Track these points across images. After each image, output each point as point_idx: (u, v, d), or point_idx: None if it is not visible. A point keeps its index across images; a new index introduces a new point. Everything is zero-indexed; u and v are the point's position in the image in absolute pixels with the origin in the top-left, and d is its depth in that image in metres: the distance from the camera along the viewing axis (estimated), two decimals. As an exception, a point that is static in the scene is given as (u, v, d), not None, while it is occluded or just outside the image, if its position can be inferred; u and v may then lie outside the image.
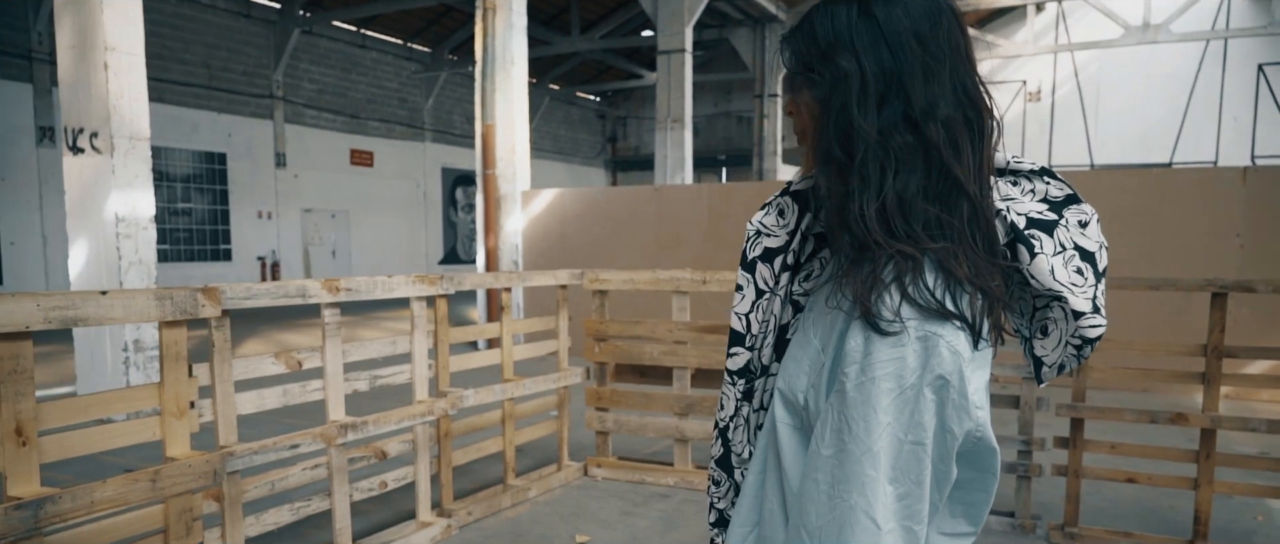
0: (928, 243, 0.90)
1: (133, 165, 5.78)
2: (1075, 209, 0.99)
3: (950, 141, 0.92)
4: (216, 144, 15.11)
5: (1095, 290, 0.95)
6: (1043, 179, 1.01)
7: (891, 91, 0.93)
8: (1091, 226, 0.98)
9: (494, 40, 9.68)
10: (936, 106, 0.92)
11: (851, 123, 0.94)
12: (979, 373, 0.90)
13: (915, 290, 0.88)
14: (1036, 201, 0.99)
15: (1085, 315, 0.94)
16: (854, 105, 0.94)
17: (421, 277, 3.63)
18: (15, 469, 2.25)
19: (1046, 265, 0.93)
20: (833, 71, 0.96)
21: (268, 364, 3.08)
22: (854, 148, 0.94)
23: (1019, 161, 1.01)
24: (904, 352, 0.87)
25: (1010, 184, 1.00)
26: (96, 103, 5.67)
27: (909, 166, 0.92)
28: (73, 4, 5.76)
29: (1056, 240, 0.95)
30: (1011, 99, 21.64)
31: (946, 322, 0.88)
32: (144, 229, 5.84)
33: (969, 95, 0.94)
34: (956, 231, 0.91)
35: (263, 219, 15.94)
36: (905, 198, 0.92)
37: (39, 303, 2.25)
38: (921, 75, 0.92)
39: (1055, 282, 0.93)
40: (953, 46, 0.94)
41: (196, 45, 14.85)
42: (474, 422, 4.22)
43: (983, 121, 0.95)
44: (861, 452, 0.88)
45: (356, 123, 18.25)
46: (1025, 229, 0.94)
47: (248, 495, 3.02)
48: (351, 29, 17.90)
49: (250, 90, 15.82)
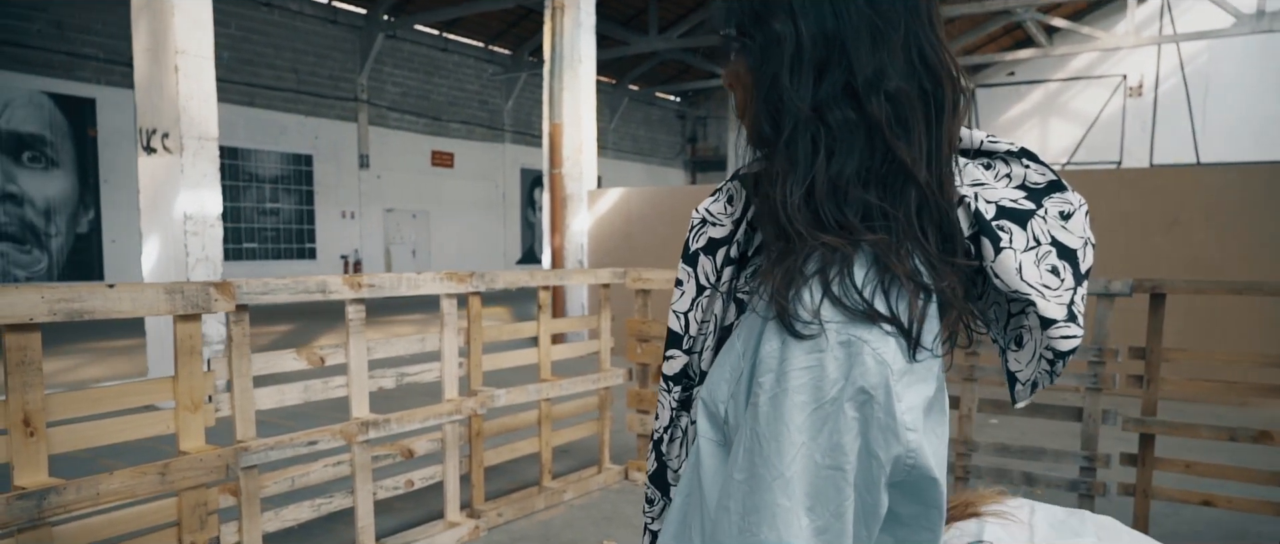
0: (863, 234, 0.77)
1: (201, 165, 5.96)
2: (1058, 198, 0.84)
3: (897, 118, 0.78)
4: (303, 146, 15.63)
5: (1074, 294, 0.81)
6: (1021, 162, 0.86)
7: (832, 58, 0.79)
8: (1076, 219, 0.83)
9: (562, 39, 9.69)
10: (884, 76, 0.78)
11: (782, 95, 0.81)
12: (916, 388, 0.75)
13: (840, 288, 0.74)
14: (1012, 188, 0.84)
15: (1057, 324, 0.79)
16: (785, 74, 0.80)
17: (450, 273, 3.59)
18: (22, 459, 2.28)
19: (1013, 262, 0.79)
20: (764, 35, 0.82)
21: (289, 360, 3.08)
22: (783, 124, 0.81)
23: (994, 141, 0.87)
24: (823, 359, 0.73)
25: (982, 167, 0.86)
26: (167, 104, 5.87)
27: (847, 147, 0.78)
28: (147, 9, 5.98)
29: (1030, 233, 0.81)
30: (1110, 94, 20.60)
31: (874, 325, 0.73)
32: (211, 227, 6.01)
33: (927, 63, 0.80)
34: (901, 222, 0.77)
35: (346, 219, 16.42)
36: (839, 183, 0.78)
37: (43, 295, 2.27)
38: (868, 39, 0.78)
39: (1022, 282, 0.79)
40: (909, 5, 0.80)
41: (285, 51, 15.39)
42: (509, 421, 4.17)
43: (943, 95, 0.80)
44: (773, 477, 0.74)
45: (438, 124, 18.63)
46: (993, 219, 0.81)
47: (267, 491, 3.02)
48: (434, 32, 18.28)
49: (336, 94, 16.31)
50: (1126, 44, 16.71)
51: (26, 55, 11.78)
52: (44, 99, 11.89)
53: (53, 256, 12.08)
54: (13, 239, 11.65)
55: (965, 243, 0.81)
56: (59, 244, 12.14)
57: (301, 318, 11.88)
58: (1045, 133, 22.65)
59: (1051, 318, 0.78)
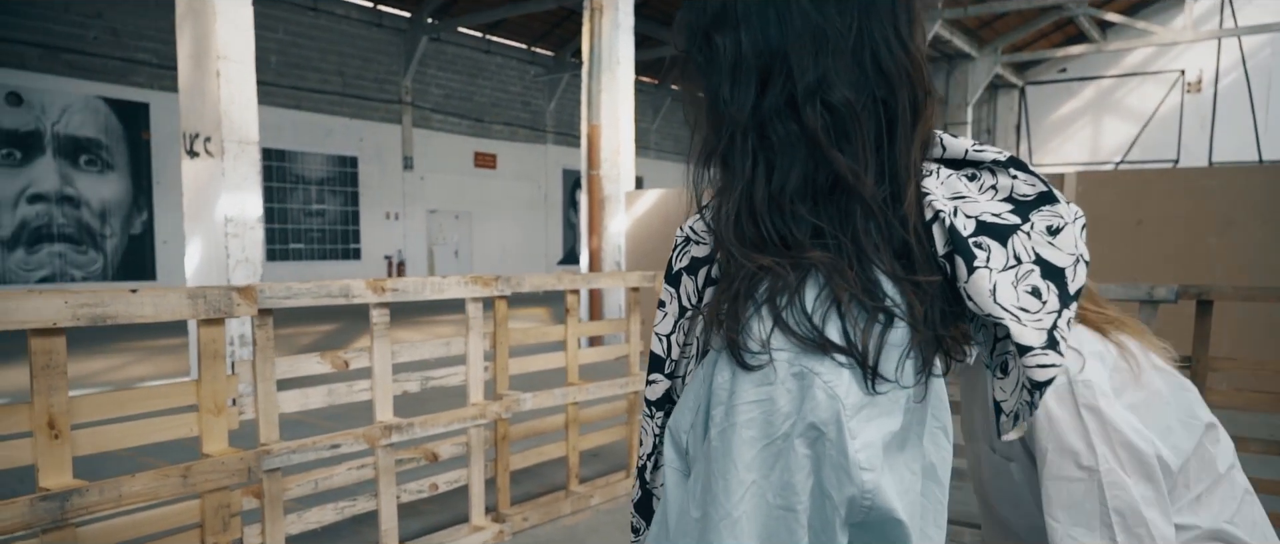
0: (811, 253, 0.72)
1: (242, 168, 6.07)
2: (1047, 211, 0.76)
3: (836, 129, 0.73)
4: (348, 148, 15.88)
5: (1057, 318, 0.73)
6: (1009, 172, 0.79)
7: (775, 69, 0.74)
8: (1066, 234, 0.76)
9: (600, 41, 9.70)
10: (827, 85, 0.73)
11: (722, 108, 0.77)
12: (876, 423, 0.69)
13: (790, 314, 0.69)
14: (997, 201, 0.77)
15: (1033, 351, 0.71)
16: (726, 86, 0.77)
17: (475, 277, 3.59)
18: (47, 461, 2.33)
19: (986, 283, 0.72)
20: (709, 49, 0.79)
21: (312, 363, 3.10)
22: (723, 137, 0.77)
23: (980, 150, 0.80)
24: (773, 392, 0.68)
25: (966, 179, 0.79)
26: (209, 109, 5.99)
27: (788, 160, 0.74)
28: (191, 16, 6.11)
29: (1011, 250, 0.74)
30: (1167, 91, 19.99)
31: (824, 355, 0.68)
32: (251, 229, 6.11)
33: (882, 69, 0.74)
34: (851, 240, 0.72)
35: (390, 220, 16.65)
36: (780, 198, 0.73)
37: (67, 300, 2.31)
38: (811, 46, 0.73)
39: (996, 304, 0.72)
40: (865, 6, 0.75)
41: (331, 54, 15.65)
42: (536, 425, 4.16)
43: (897, 103, 0.75)
44: (720, 517, 0.70)
45: (481, 126, 18.79)
46: (971, 235, 0.74)
47: (291, 493, 3.05)
48: (477, 35, 18.44)
49: (380, 96, 16.54)
50: (1185, 39, 16.21)
51: (84, 62, 12.14)
52: (100, 104, 12.24)
53: (108, 257, 12.44)
54: (70, 240, 12.02)
55: (933, 260, 0.75)
56: (114, 245, 12.49)
57: (343, 318, 12.07)
58: (1098, 130, 22.08)
59: (1027, 344, 0.71)
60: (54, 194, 11.82)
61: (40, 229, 11.71)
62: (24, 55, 11.54)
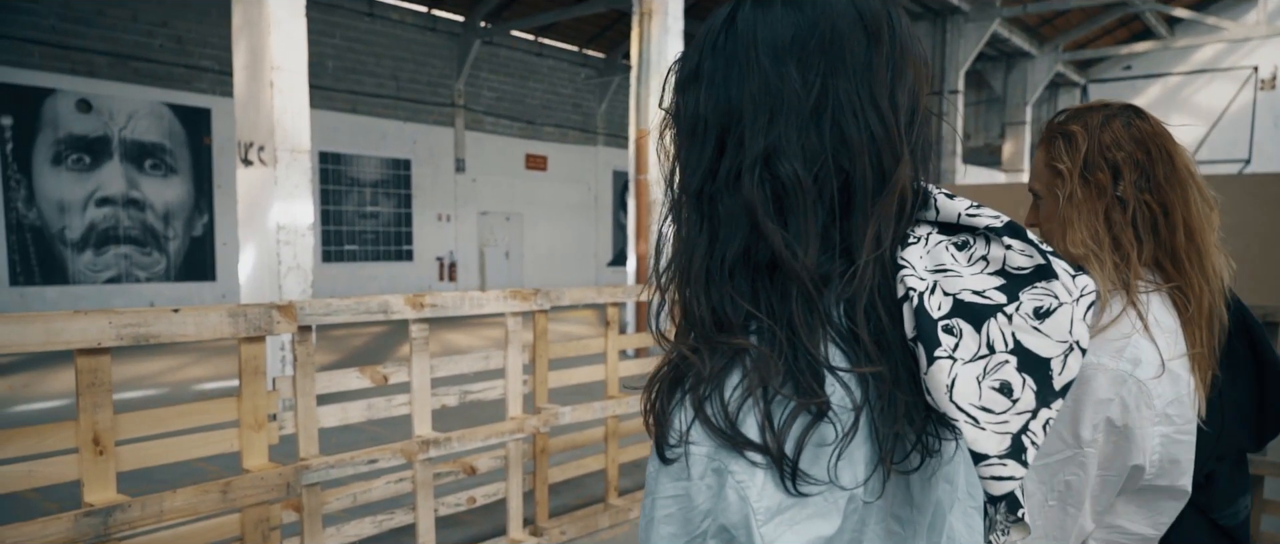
0: (736, 338, 0.66)
1: (294, 176, 6.19)
2: (1041, 289, 0.66)
3: (777, 202, 0.67)
4: (402, 151, 16.12)
5: (1028, 420, 0.63)
6: (1002, 241, 0.68)
7: (732, 133, 0.69)
8: (1059, 316, 0.64)
9: (649, 45, 9.67)
10: (775, 155, 0.67)
11: (679, 171, 0.74)
12: (801, 528, 0.63)
13: (711, 405, 0.64)
14: (986, 274, 0.67)
15: (989, 460, 0.62)
16: (684, 150, 0.74)
17: (514, 292, 3.60)
18: (92, 477, 2.39)
19: (944, 375, 0.63)
20: (677, 107, 0.76)
21: (351, 378, 3.14)
22: (675, 202, 0.75)
23: (974, 214, 0.70)
24: (690, 488, 0.65)
25: (956, 247, 0.70)
26: (263, 118, 6.11)
27: (730, 232, 0.68)
28: (247, 28, 6.24)
29: (984, 337, 0.64)
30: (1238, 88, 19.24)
31: (737, 454, 0.63)
32: (302, 236, 6.23)
33: (844, 137, 0.68)
34: (785, 324, 0.66)
35: (442, 221, 16.86)
36: (716, 273, 0.69)
37: (111, 320, 2.37)
38: (767, 112, 0.68)
39: (950, 403, 0.63)
40: (834, 62, 0.68)
41: (386, 59, 15.91)
42: (575, 438, 4.16)
43: (859, 171, 0.68)
44: None
45: (532, 128, 18.92)
46: (943, 317, 0.65)
47: (329, 507, 3.09)
48: (529, 38, 18.57)
49: (434, 99, 16.77)
50: (1258, 34, 15.58)
51: (150, 69, 12.53)
52: (164, 110, 12.62)
53: (170, 259, 12.82)
54: (135, 242, 12.42)
55: (893, 346, 0.67)
56: (176, 247, 12.87)
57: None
58: (1165, 130, 21.36)
59: (981, 452, 0.62)
60: (120, 197, 12.22)
61: (107, 231, 12.12)
62: (94, 63, 11.96)
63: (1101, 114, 1.30)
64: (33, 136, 11.38)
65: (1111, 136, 1.27)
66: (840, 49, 0.68)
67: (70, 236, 11.77)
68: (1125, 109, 1.31)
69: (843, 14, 0.69)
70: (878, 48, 0.69)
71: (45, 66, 11.48)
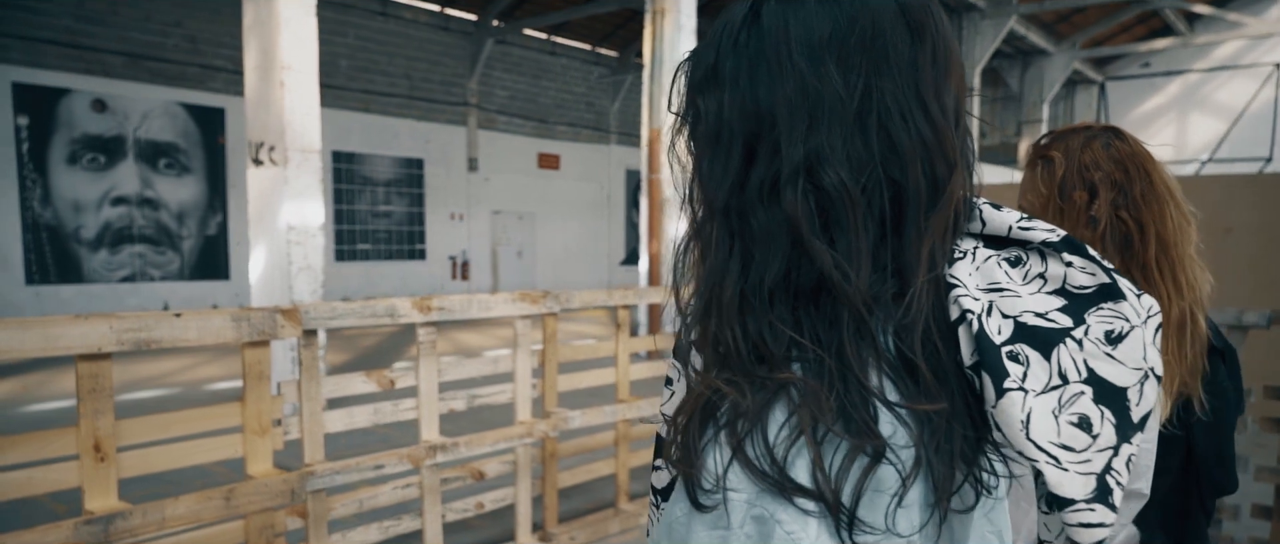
0: (782, 371, 0.59)
1: (304, 177, 6.16)
2: (1108, 310, 0.60)
3: (823, 216, 0.61)
4: (415, 150, 16.12)
5: (1111, 458, 0.58)
6: (1062, 257, 0.62)
7: (763, 140, 0.63)
8: (1132, 341, 0.59)
9: (662, 43, 9.61)
10: (818, 163, 0.61)
11: (701, 184, 0.67)
12: None
13: (752, 445, 0.58)
14: (1045, 294, 0.61)
15: (1076, 505, 0.57)
16: (706, 159, 0.67)
17: (522, 294, 3.55)
18: (92, 484, 2.36)
19: (1018, 410, 0.57)
20: (693, 114, 0.69)
21: (358, 382, 3.10)
22: (699, 220, 0.68)
23: (1028, 227, 0.64)
24: (728, 538, 0.57)
25: (1009, 264, 0.64)
26: (273, 118, 6.09)
27: (769, 251, 0.62)
28: (257, 27, 6.23)
29: (1055, 366, 0.58)
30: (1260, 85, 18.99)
31: (785, 501, 0.56)
32: (312, 236, 6.21)
33: (893, 143, 0.62)
34: (836, 354, 0.59)
35: (454, 220, 16.85)
36: (754, 298, 0.62)
37: (112, 325, 2.33)
38: (805, 116, 0.61)
39: (1028, 441, 0.57)
40: (877, 61, 0.62)
41: (399, 58, 15.91)
42: (585, 442, 4.10)
43: (911, 180, 0.62)
44: None
45: (544, 127, 18.89)
46: (1006, 343, 0.59)
47: (335, 513, 3.05)
48: (542, 36, 18.53)
49: (446, 98, 16.76)
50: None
51: (164, 69, 12.56)
52: (178, 109, 12.66)
53: (184, 258, 12.86)
54: (150, 241, 12.46)
55: (951, 373, 0.60)
56: (190, 246, 12.91)
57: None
58: (1183, 128, 21.12)
59: (1067, 496, 0.57)
60: (135, 197, 12.27)
61: (122, 230, 12.16)
62: (108, 63, 12.00)
63: (1082, 136, 1.36)
64: (48, 136, 11.43)
65: (1091, 157, 1.33)
66: (883, 46, 0.62)
67: (85, 236, 11.82)
68: (1105, 131, 1.37)
69: (883, 8, 0.63)
70: (922, 44, 0.64)
71: (60, 66, 11.53)
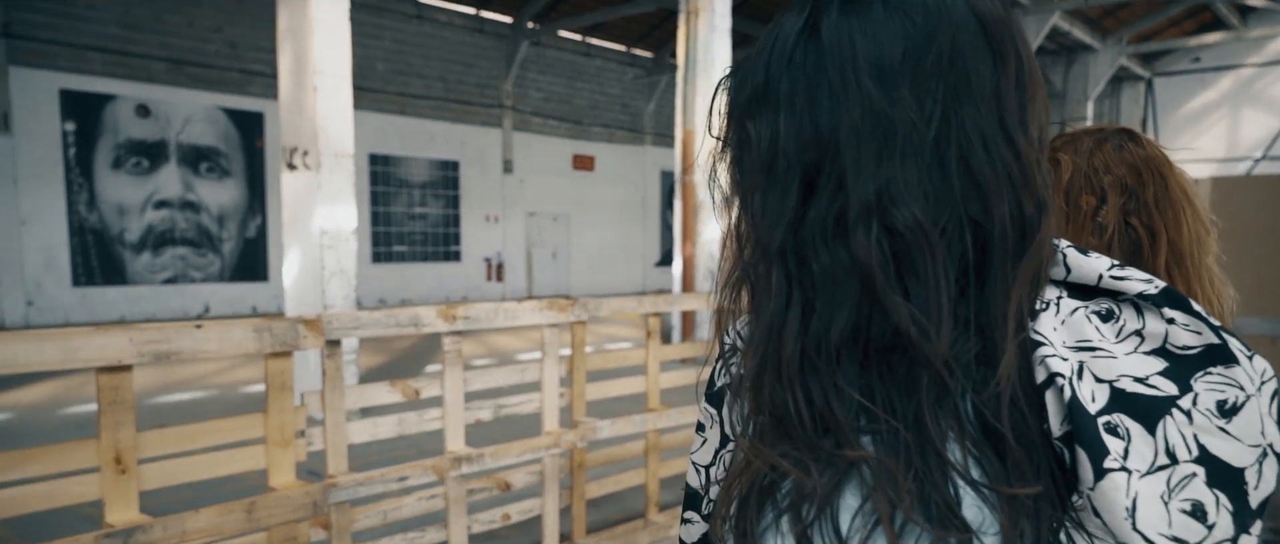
0: (852, 446, 0.52)
1: (337, 181, 6.18)
2: (1217, 376, 0.50)
3: (898, 262, 0.53)
4: (451, 152, 16.21)
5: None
6: (1161, 313, 0.53)
7: (825, 172, 0.55)
8: (1248, 413, 0.50)
9: (696, 44, 9.52)
10: (890, 200, 0.53)
11: (751, 222, 0.59)
12: None
13: (819, 533, 0.51)
14: (1143, 354, 0.52)
15: None
16: (757, 193, 0.58)
17: (550, 303, 3.49)
18: (113, 497, 2.34)
19: (1122, 495, 0.49)
20: (741, 140, 0.61)
21: (382, 392, 3.06)
22: (748, 264, 0.60)
23: (1121, 276, 0.55)
24: None
25: (1099, 318, 0.54)
26: (306, 122, 6.11)
27: (833, 302, 0.54)
28: (291, 33, 6.26)
29: (1161, 441, 0.49)
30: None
31: None
32: (345, 241, 6.22)
33: (974, 177, 0.54)
34: (913, 425, 0.52)
35: (489, 222, 16.92)
36: (817, 356, 0.54)
37: (132, 337, 2.31)
38: (873, 145, 0.53)
39: (1135, 532, 0.48)
40: (956, 85, 0.54)
41: (434, 61, 16.01)
42: (614, 452, 4.04)
43: (996, 222, 0.54)
44: None
45: (579, 128, 18.89)
46: (1102, 412, 0.50)
47: (359, 524, 3.01)
48: (577, 38, 18.54)
49: (482, 101, 16.83)
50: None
51: (205, 74, 12.76)
52: (219, 114, 12.85)
53: (225, 259, 13.05)
54: (191, 243, 12.67)
55: (1058, 445, 0.52)
56: (230, 248, 13.10)
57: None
58: (1235, 124, 20.51)
59: None
60: (177, 200, 12.47)
61: (165, 233, 12.38)
62: (151, 69, 12.21)
63: (1093, 138, 1.27)
64: (94, 141, 11.67)
65: (1101, 160, 1.23)
66: (963, 68, 0.54)
67: (129, 239, 12.04)
68: (1118, 133, 1.27)
69: (963, 25, 0.55)
70: (1005, 68, 0.56)
71: (105, 73, 11.76)
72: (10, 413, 6.89)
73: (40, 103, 11.19)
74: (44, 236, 11.33)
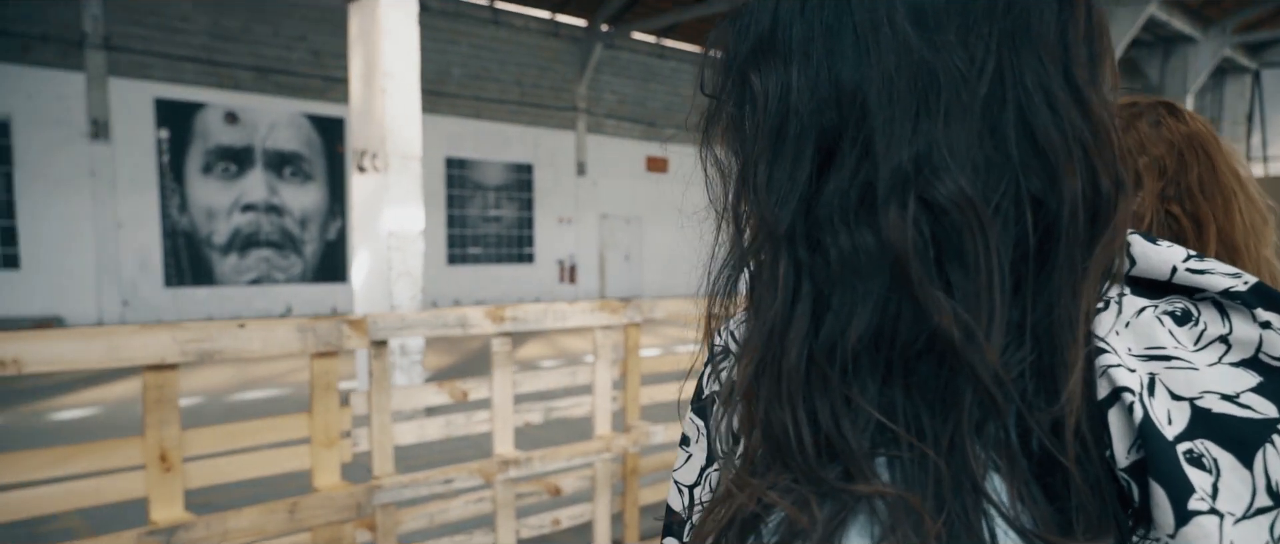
0: (864, 479, 0.42)
1: (404, 182, 6.25)
2: None
3: (939, 246, 0.42)
4: (525, 155, 16.37)
5: None
6: (1252, 315, 0.42)
7: (847, 135, 0.43)
8: None
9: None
10: (932, 169, 0.41)
11: (753, 198, 0.48)
12: None
13: None
14: (1230, 365, 0.41)
15: None
16: (761, 161, 0.46)
17: (602, 304, 3.42)
18: (158, 494, 2.36)
19: (1214, 537, 0.37)
20: (740, 98, 0.49)
21: (430, 394, 3.04)
22: (748, 248, 0.49)
23: (1201, 270, 0.44)
24: None
25: (1173, 319, 0.43)
26: (375, 125, 6.21)
27: (853, 295, 0.43)
28: (362, 38, 6.36)
29: (1258, 477, 0.38)
30: None
31: None
32: (412, 242, 6.28)
33: (1035, 141, 0.42)
34: (947, 452, 0.41)
35: (563, 224, 17.01)
36: (829, 363, 0.43)
37: (175, 336, 2.33)
38: (909, 96, 0.42)
39: None
40: (1014, 31, 0.43)
41: (510, 65, 16.19)
42: (668, 457, 3.93)
43: (1065, 200, 0.42)
44: None
45: (653, 130, 18.85)
46: (1180, 438, 0.39)
47: (405, 527, 2.99)
48: (651, 40, 18.51)
49: (556, 104, 16.94)
50: None
51: (290, 82, 13.18)
52: (302, 120, 13.24)
53: (306, 261, 13.45)
54: (274, 245, 13.10)
55: (1123, 476, 0.40)
56: (311, 250, 13.49)
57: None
58: (1355, 119, 19.18)
59: None
60: (262, 204, 12.91)
61: (250, 236, 12.82)
62: (239, 78, 12.68)
63: (1126, 114, 1.09)
64: (185, 147, 12.16)
65: (1136, 139, 1.07)
66: (1022, 10, 0.43)
67: (217, 241, 12.51)
68: (1155, 106, 1.09)
69: None
70: (1073, 16, 0.44)
71: (196, 82, 12.25)
72: (99, 408, 7.19)
73: (136, 112, 11.73)
74: (139, 239, 11.86)
